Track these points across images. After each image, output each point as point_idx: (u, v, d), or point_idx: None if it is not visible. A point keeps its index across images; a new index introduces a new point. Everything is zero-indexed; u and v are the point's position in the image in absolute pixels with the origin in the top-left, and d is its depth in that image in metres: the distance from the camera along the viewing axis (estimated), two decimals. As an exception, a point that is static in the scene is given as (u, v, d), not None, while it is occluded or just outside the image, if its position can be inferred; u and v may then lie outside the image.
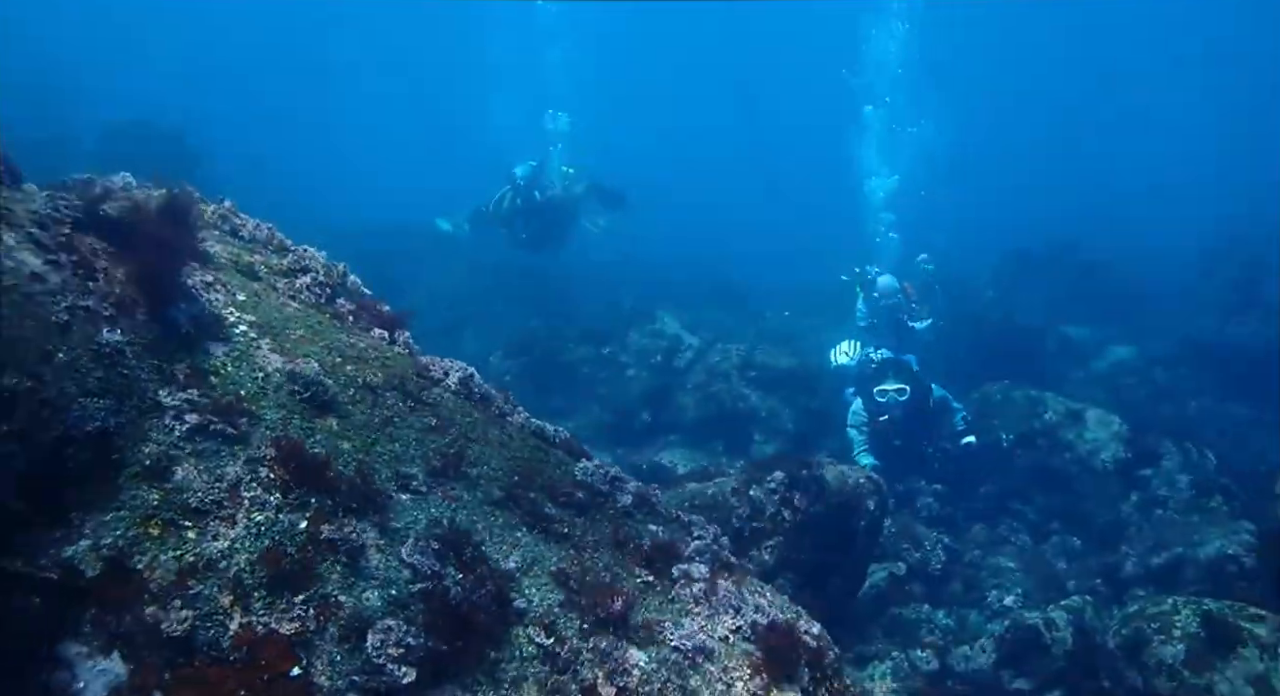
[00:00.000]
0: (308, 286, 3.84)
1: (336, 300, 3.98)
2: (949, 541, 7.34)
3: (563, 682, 2.76)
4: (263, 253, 3.92)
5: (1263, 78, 39.92)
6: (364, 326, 3.95)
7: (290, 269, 3.89)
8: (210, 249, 3.69)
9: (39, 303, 2.83)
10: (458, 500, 3.13)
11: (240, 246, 3.89)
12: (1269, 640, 4.55)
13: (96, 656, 2.68)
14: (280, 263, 3.92)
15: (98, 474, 2.83)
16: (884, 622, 6.06)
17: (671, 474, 7.90)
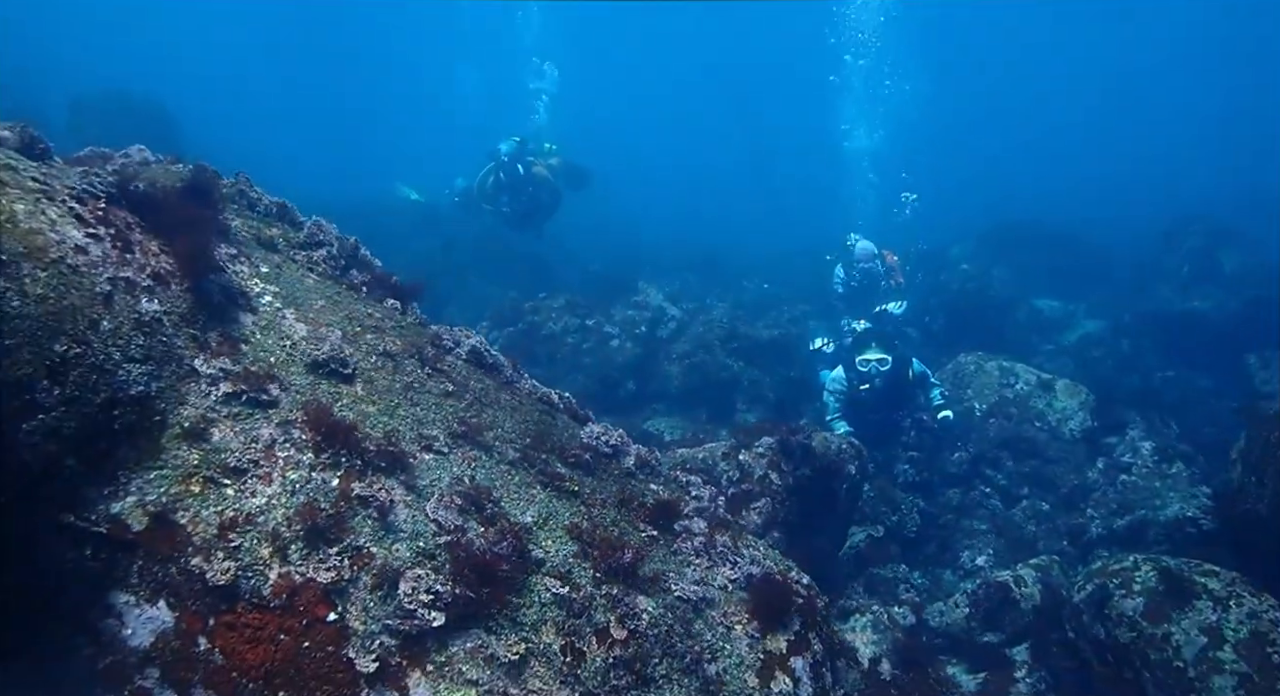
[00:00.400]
0: (324, 259, 4.01)
1: (350, 272, 4.15)
2: (924, 505, 7.66)
3: (578, 626, 3.00)
4: (279, 226, 4.08)
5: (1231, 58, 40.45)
6: (378, 297, 4.13)
7: (306, 242, 4.05)
8: (231, 222, 3.84)
9: (83, 274, 2.99)
10: (476, 460, 3.34)
11: (258, 220, 4.04)
12: (1221, 593, 4.90)
13: (143, 605, 2.89)
14: (297, 236, 4.08)
15: (142, 435, 3.01)
16: (864, 580, 6.37)
17: (660, 440, 8.15)
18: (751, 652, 3.19)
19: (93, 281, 3.00)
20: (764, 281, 15.63)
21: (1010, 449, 8.78)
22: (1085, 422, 8.85)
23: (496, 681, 2.89)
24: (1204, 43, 39.80)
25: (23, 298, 2.76)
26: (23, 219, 2.91)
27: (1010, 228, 17.76)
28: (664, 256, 18.07)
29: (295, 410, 3.18)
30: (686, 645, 3.09)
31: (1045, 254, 16.78)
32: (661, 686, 2.99)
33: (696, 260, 17.90)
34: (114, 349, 2.97)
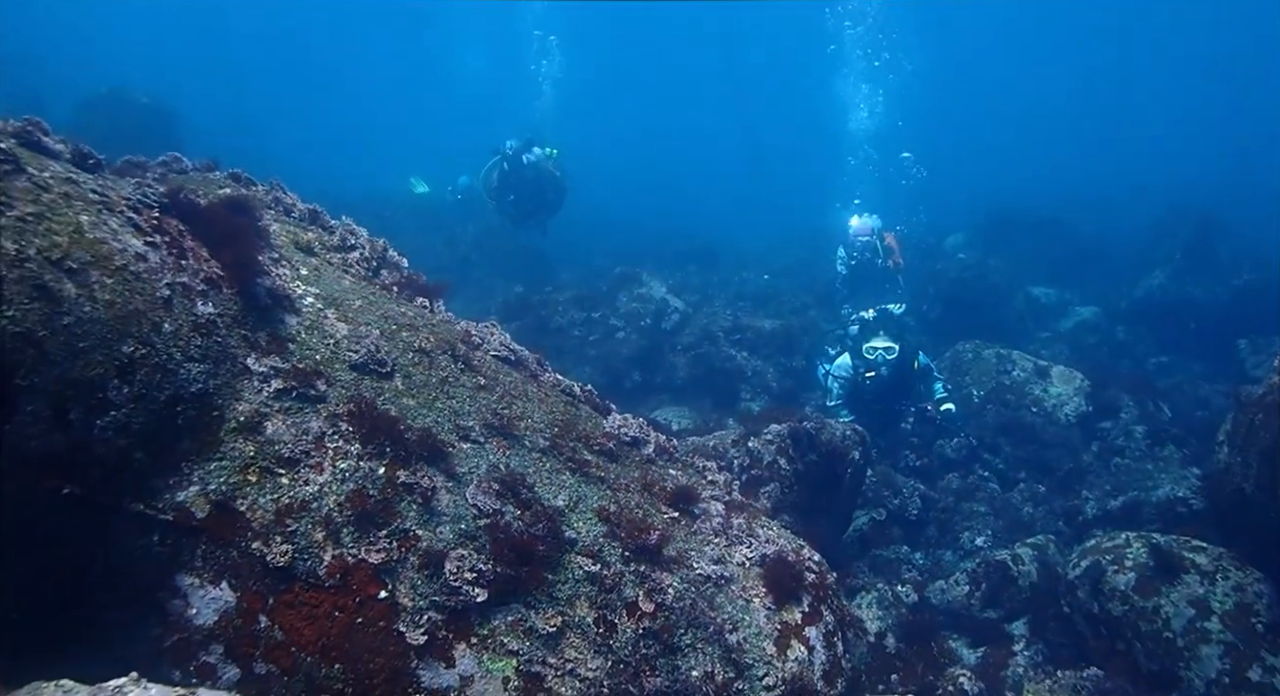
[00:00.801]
0: (357, 261, 4.24)
1: (380, 273, 4.38)
2: (925, 489, 7.91)
3: (609, 599, 3.24)
4: (314, 230, 4.30)
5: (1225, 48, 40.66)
6: (408, 296, 4.35)
7: (340, 245, 4.28)
8: (270, 227, 4.06)
9: (145, 280, 3.21)
10: (510, 449, 3.58)
11: (294, 224, 4.26)
12: (1208, 567, 5.15)
13: (207, 586, 3.12)
14: (330, 239, 4.31)
15: (202, 429, 3.24)
16: (867, 561, 6.62)
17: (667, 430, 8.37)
18: (769, 623, 3.44)
19: (153, 287, 3.22)
20: (764, 273, 15.85)
21: (1008, 434, 9.04)
22: (1080, 408, 9.11)
23: (536, 651, 3.13)
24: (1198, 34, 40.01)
25: (93, 303, 2.98)
26: (88, 229, 3.13)
27: (1006, 216, 17.98)
28: (664, 249, 18.30)
29: (342, 404, 3.41)
30: (709, 617, 3.34)
31: (1041, 242, 17.03)
32: (687, 654, 3.24)
33: (695, 252, 18.14)
34: (175, 349, 3.20)
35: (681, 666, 3.22)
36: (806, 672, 3.40)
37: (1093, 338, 13.38)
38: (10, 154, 3.12)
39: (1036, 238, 17.09)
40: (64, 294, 2.91)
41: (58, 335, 2.84)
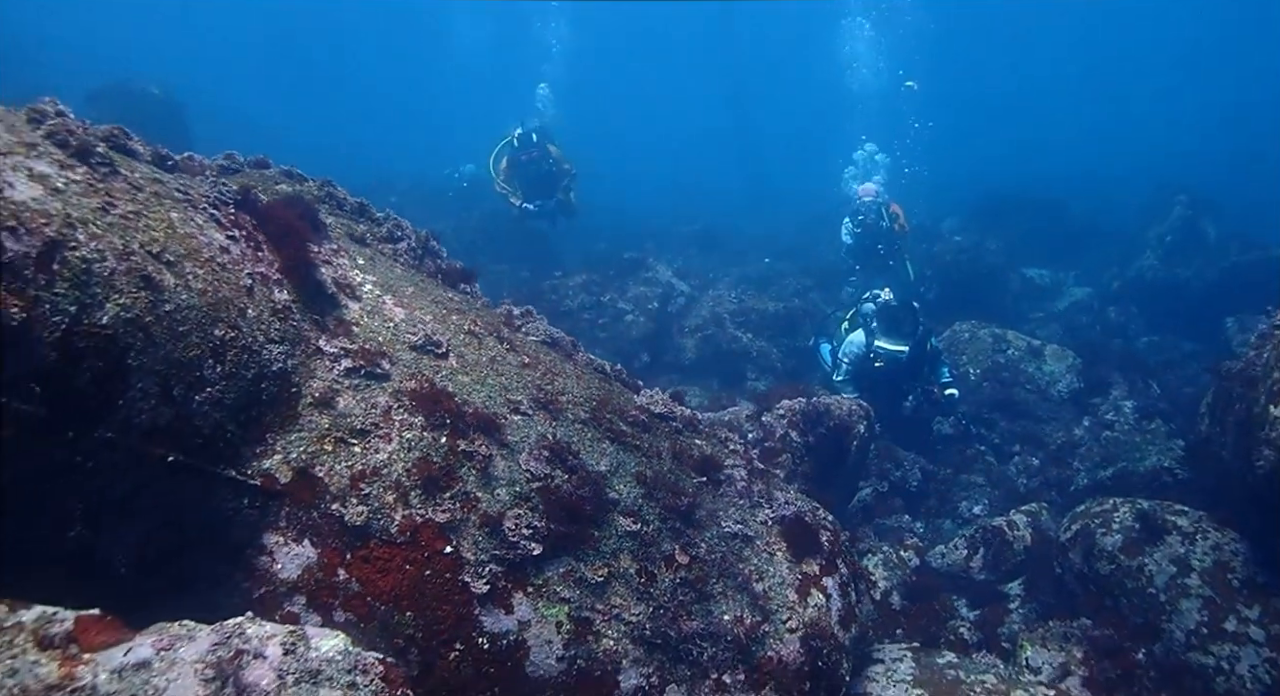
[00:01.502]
0: (405, 251, 4.59)
1: (425, 261, 4.74)
2: (925, 463, 8.31)
3: (649, 553, 3.63)
4: (364, 223, 4.65)
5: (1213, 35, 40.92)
6: (450, 283, 4.71)
7: (388, 236, 4.63)
8: (326, 220, 4.41)
9: (230, 270, 3.57)
10: (555, 421, 3.95)
11: (346, 217, 4.61)
12: (1189, 529, 5.56)
13: (291, 544, 3.50)
14: (379, 231, 4.66)
15: (282, 404, 3.61)
16: (871, 529, 7.02)
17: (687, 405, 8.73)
18: (790, 574, 3.84)
19: (237, 276, 3.58)
20: (764, 256, 16.20)
21: (1003, 410, 9.43)
22: (1072, 384, 9.51)
23: (585, 599, 3.52)
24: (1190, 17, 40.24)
25: (189, 291, 3.34)
26: (179, 225, 3.49)
27: (1000, 199, 18.34)
28: (664, 234, 18.64)
29: (405, 381, 3.78)
30: (738, 568, 3.73)
31: (1035, 224, 17.39)
32: (719, 600, 3.63)
33: (696, 237, 18.48)
34: (259, 332, 3.56)
35: (714, 611, 3.61)
36: (824, 617, 3.79)
37: (1085, 317, 13.78)
38: (107, 157, 3.47)
39: (1030, 219, 17.45)
40: (164, 284, 3.27)
41: (161, 321, 3.20)
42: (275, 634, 2.79)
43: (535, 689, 3.47)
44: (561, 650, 3.46)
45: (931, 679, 4.17)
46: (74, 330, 2.90)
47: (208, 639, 2.73)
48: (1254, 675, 4.83)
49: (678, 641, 3.54)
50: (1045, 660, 4.99)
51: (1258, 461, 4.98)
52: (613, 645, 3.50)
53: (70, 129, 3.43)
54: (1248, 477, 5.22)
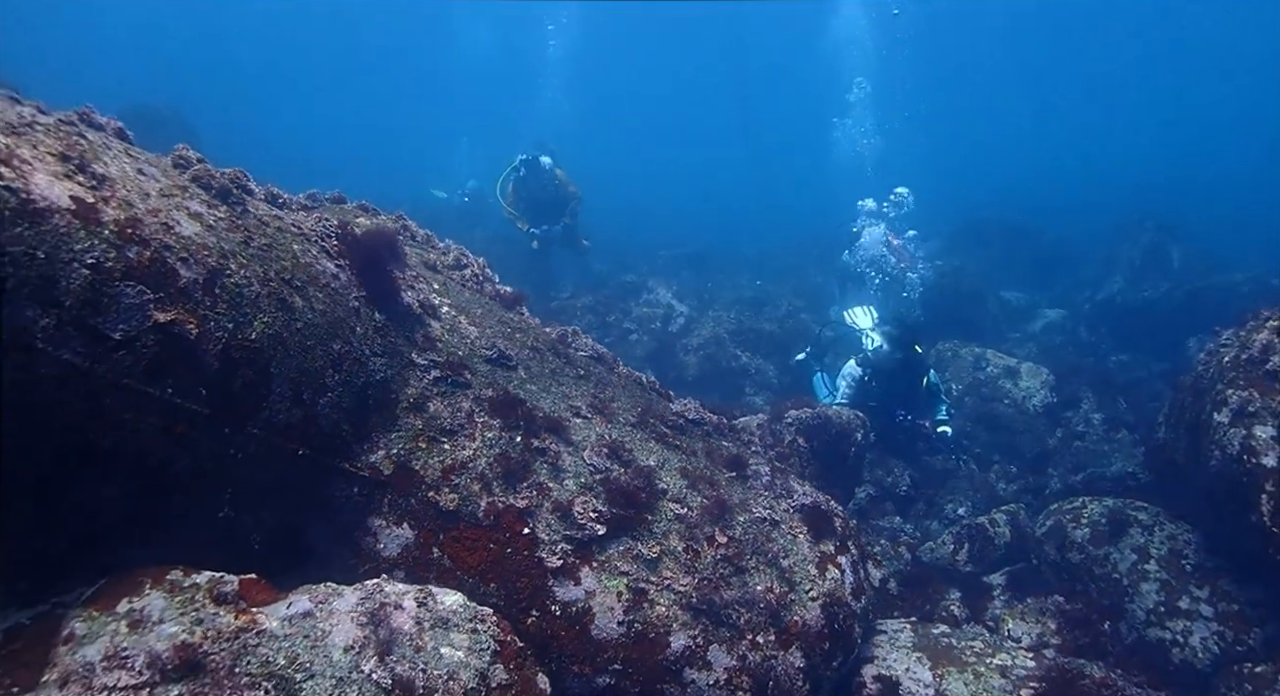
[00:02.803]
0: (469, 277, 5.26)
1: (484, 285, 5.41)
2: (913, 471, 9.01)
3: (694, 533, 4.29)
4: (434, 251, 5.32)
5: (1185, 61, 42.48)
6: (507, 305, 5.38)
7: (455, 263, 5.30)
8: (404, 250, 5.07)
9: (341, 294, 4.23)
10: (610, 423, 4.62)
11: (418, 247, 5.28)
12: (1148, 522, 6.29)
13: (392, 526, 4.14)
14: (446, 259, 5.33)
15: (384, 407, 4.26)
16: (866, 529, 7.70)
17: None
18: (811, 552, 4.52)
19: (347, 299, 4.25)
20: (756, 279, 16.95)
21: (983, 423, 10.18)
22: (1046, 399, 10.29)
23: (641, 571, 4.18)
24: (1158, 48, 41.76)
25: (312, 312, 4.00)
26: (300, 255, 4.15)
27: (979, 224, 19.24)
28: (656, 256, 19.35)
29: (483, 389, 4.45)
30: (767, 547, 4.41)
31: (1011, 249, 18.27)
32: (752, 573, 4.30)
33: (688, 259, 19.20)
34: (365, 347, 4.22)
35: (749, 582, 4.28)
36: (840, 589, 4.48)
37: (1059, 337, 14.61)
38: (240, 197, 4.14)
39: (1006, 244, 18.32)
40: (295, 305, 3.92)
41: (294, 336, 3.86)
42: (408, 590, 3.45)
43: (599, 648, 4.11)
44: (622, 615, 4.11)
45: (928, 644, 4.85)
46: (231, 343, 3.56)
47: (354, 595, 3.37)
48: (1204, 646, 5.56)
49: (719, 608, 4.20)
50: (1025, 631, 5.69)
51: (1208, 461, 5.74)
52: (664, 611, 4.15)
53: (211, 173, 4.10)
54: (1198, 476, 5.97)
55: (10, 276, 2.92)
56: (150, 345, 3.26)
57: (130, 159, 3.83)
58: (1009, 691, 4.31)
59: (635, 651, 4.12)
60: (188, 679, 2.90)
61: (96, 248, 3.14)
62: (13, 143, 3.21)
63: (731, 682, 4.21)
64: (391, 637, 3.15)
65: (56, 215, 3.07)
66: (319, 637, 3.10)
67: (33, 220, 3.00)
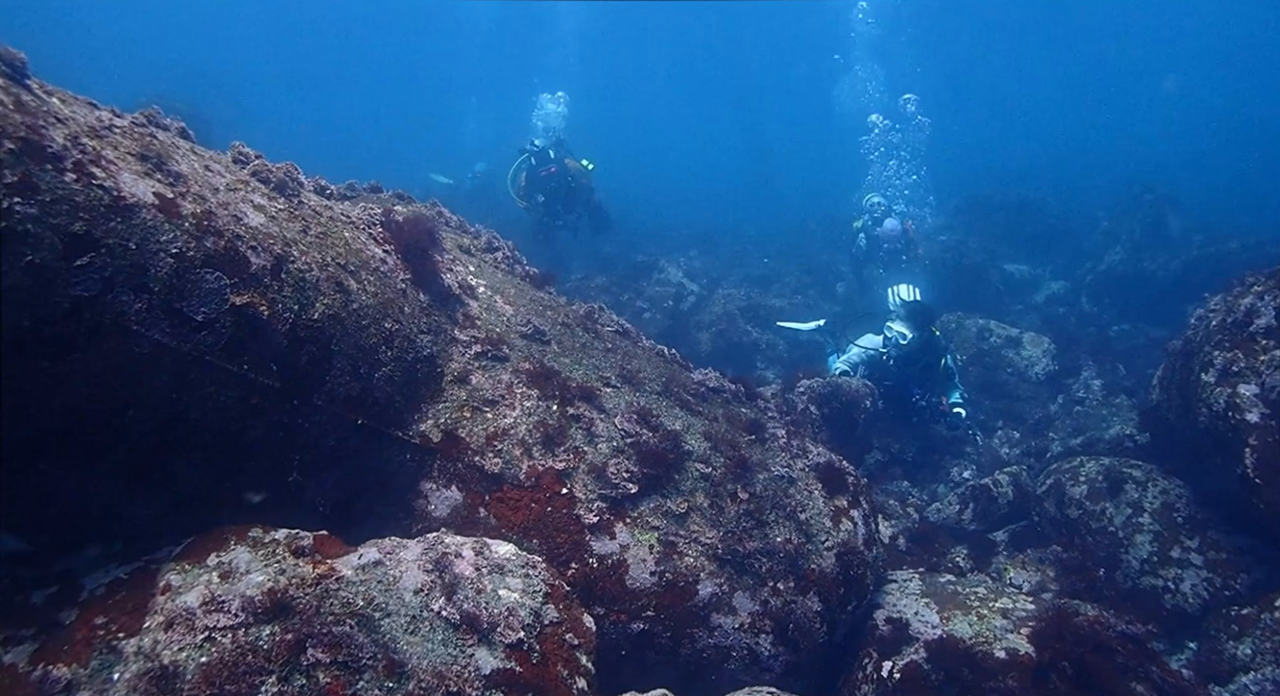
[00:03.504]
0: (501, 259, 5.62)
1: (515, 267, 5.76)
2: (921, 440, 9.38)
3: (718, 490, 4.67)
4: (466, 236, 5.68)
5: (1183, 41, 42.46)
6: (537, 285, 5.74)
7: (487, 247, 5.65)
8: (440, 234, 5.43)
9: (389, 277, 4.59)
10: (638, 391, 4.99)
11: (452, 232, 5.63)
12: (1142, 478, 6.65)
13: (442, 489, 4.51)
14: (478, 242, 5.68)
15: (431, 381, 4.63)
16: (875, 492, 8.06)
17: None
18: (826, 506, 4.89)
19: (395, 282, 4.61)
20: (763, 257, 17.26)
21: (987, 391, 10.53)
22: (1048, 367, 10.64)
23: (670, 526, 4.56)
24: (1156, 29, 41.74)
25: (366, 294, 4.37)
26: (352, 242, 4.52)
27: (980, 199, 19.47)
28: (668, 237, 19.67)
29: (521, 362, 4.81)
30: (785, 502, 4.78)
31: (1013, 222, 18.50)
32: (773, 526, 4.68)
33: (695, 239, 19.52)
34: (413, 326, 4.58)
35: (769, 534, 4.66)
36: (853, 539, 4.86)
37: (1061, 308, 14.92)
38: (295, 189, 4.50)
39: (1009, 218, 18.56)
40: (351, 288, 4.29)
41: (351, 316, 4.22)
42: (466, 541, 3.83)
43: (634, 597, 4.50)
44: (654, 566, 4.49)
45: (935, 591, 5.23)
46: (297, 323, 3.93)
47: (418, 546, 3.75)
48: (1194, 591, 5.93)
49: (742, 557, 4.58)
50: (1025, 578, 6.06)
51: (1196, 419, 6.09)
52: (693, 562, 4.53)
53: (268, 168, 4.46)
54: (1188, 434, 6.33)
55: (108, 265, 3.29)
56: (228, 325, 3.63)
57: (196, 156, 4.19)
58: (1010, 629, 4.69)
59: (666, 599, 4.51)
60: (278, 619, 3.27)
61: (179, 239, 3.50)
62: (98, 145, 3.57)
63: (755, 626, 4.60)
64: (455, 581, 3.53)
65: (143, 210, 3.43)
66: (391, 582, 3.48)
67: (124, 215, 3.36)
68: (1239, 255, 13.60)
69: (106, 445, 3.51)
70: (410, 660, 3.17)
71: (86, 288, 3.23)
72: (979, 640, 4.63)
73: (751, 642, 4.62)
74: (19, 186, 3.06)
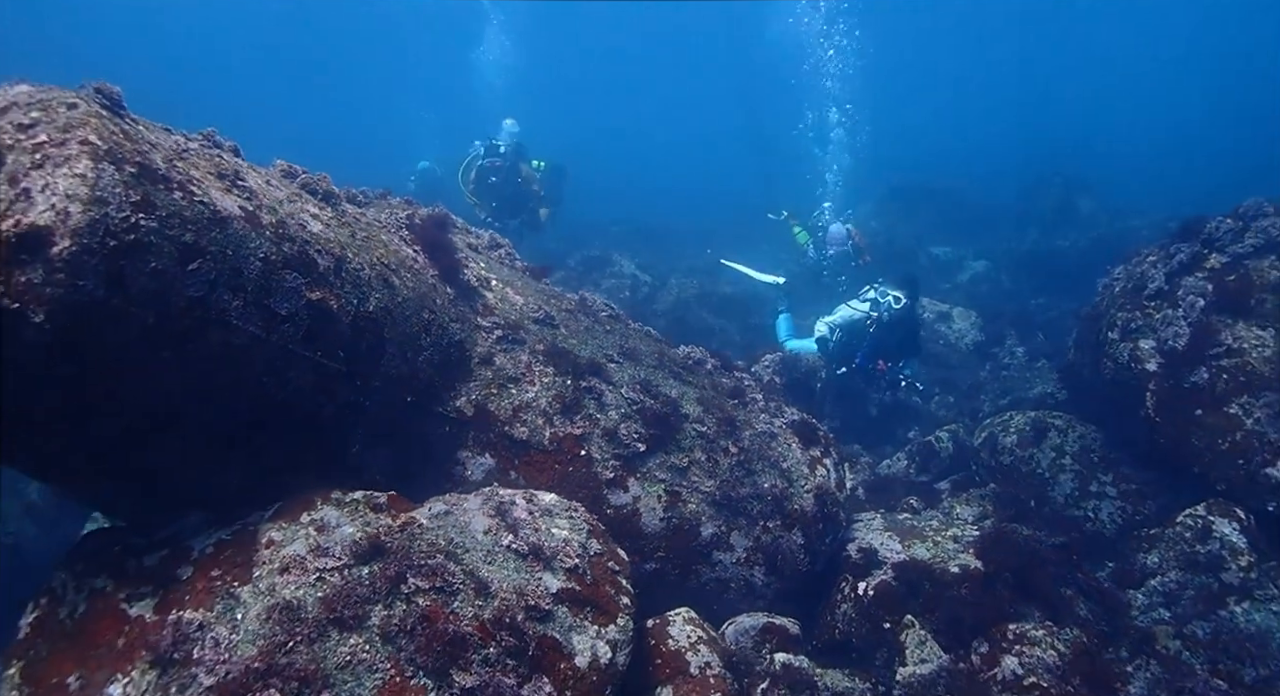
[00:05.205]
0: (504, 256, 6.30)
1: (515, 262, 6.45)
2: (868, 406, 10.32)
3: (713, 446, 5.46)
4: (471, 236, 6.34)
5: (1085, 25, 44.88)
6: (536, 277, 6.44)
7: (491, 244, 6.33)
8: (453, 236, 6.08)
9: (421, 273, 5.25)
10: (637, 366, 5.74)
11: (458, 233, 6.29)
12: (1063, 426, 7.67)
13: (477, 456, 5.20)
14: (482, 241, 6.35)
15: (461, 363, 5.30)
16: (834, 453, 8.97)
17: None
18: (803, 456, 5.73)
19: (427, 277, 5.27)
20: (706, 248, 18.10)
21: (924, 362, 11.55)
22: (976, 338, 11.73)
23: (674, 478, 5.32)
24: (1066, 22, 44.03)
25: (407, 289, 5.02)
26: (389, 244, 5.16)
27: (905, 188, 20.69)
28: (610, 231, 20.37)
29: (536, 344, 5.52)
30: (769, 454, 5.60)
31: (937, 209, 19.74)
32: (759, 474, 5.49)
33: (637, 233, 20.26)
34: (444, 314, 5.25)
35: (758, 481, 5.47)
36: (827, 483, 5.70)
37: (985, 286, 16.13)
38: (338, 200, 5.13)
39: (933, 205, 19.80)
40: (395, 284, 4.94)
41: (398, 308, 4.88)
42: (515, 493, 4.54)
43: (646, 540, 5.26)
44: (662, 512, 5.25)
45: (896, 526, 6.12)
46: (358, 315, 4.58)
47: (476, 498, 4.45)
48: (1110, 518, 6.95)
49: (736, 502, 5.38)
50: (969, 513, 7.01)
51: (1103, 372, 7.13)
52: (695, 507, 5.31)
53: (314, 180, 5.09)
54: (1099, 386, 7.37)
55: (212, 270, 3.91)
56: (305, 318, 4.26)
57: (256, 172, 4.80)
58: (961, 551, 5.59)
59: (674, 541, 5.28)
60: (375, 559, 3.94)
61: (263, 245, 4.13)
62: (185, 166, 4.18)
63: (749, 559, 5.41)
64: (515, 523, 4.25)
65: (234, 221, 4.06)
66: (463, 526, 4.18)
67: (220, 226, 3.98)
68: (1143, 231, 14.95)
69: (208, 423, 4.12)
70: (492, 583, 3.88)
71: (196, 288, 3.84)
72: (936, 560, 5.52)
73: (747, 574, 5.43)
74: (142, 204, 3.66)
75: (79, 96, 3.88)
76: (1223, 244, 7.03)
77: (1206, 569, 5.90)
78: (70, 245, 3.32)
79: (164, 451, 4.08)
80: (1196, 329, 6.64)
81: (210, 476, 4.31)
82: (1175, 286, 6.99)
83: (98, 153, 3.54)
